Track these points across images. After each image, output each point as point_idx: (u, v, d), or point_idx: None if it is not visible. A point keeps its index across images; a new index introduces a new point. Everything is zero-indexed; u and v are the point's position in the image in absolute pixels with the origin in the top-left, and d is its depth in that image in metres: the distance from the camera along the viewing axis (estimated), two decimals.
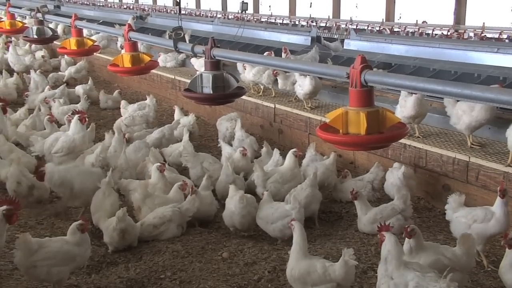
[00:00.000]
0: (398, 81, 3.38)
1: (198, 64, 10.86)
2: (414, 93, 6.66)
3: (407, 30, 15.05)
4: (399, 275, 4.01)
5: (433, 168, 6.71)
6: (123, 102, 10.32)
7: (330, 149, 7.76)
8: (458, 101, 6.33)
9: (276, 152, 7.44)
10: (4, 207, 4.57)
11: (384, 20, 17.13)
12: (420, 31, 14.62)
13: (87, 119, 7.60)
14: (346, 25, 16.03)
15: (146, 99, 10.06)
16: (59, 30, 15.55)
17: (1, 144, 7.47)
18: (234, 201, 6.04)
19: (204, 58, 4.88)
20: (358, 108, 3.42)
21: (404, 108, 6.90)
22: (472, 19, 17.81)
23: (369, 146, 4.07)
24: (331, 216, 6.68)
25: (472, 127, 6.43)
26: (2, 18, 11.70)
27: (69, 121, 7.89)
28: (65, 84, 12.70)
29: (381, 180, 6.85)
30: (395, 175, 6.61)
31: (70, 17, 7.67)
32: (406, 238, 4.55)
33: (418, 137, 7.05)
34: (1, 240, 4.62)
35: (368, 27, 15.64)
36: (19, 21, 10.34)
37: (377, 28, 15.63)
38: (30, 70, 13.15)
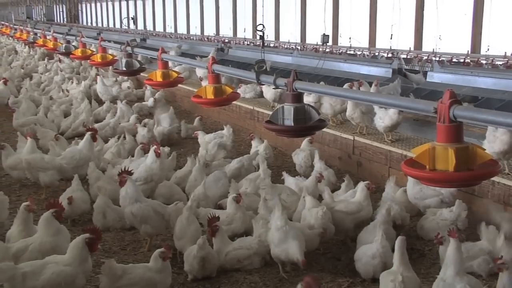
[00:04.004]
0: (490, 117, 3.24)
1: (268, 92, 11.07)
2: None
3: (494, 62, 14.50)
4: (452, 280, 4.32)
5: None
6: (200, 134, 10.39)
7: None
8: None
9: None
10: (87, 235, 4.77)
11: (469, 52, 16.58)
12: (508, 63, 14.02)
13: (160, 153, 7.78)
14: (428, 57, 15.68)
15: (224, 129, 10.25)
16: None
17: (90, 171, 7.82)
18: (313, 214, 6.10)
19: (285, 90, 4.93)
20: (446, 144, 3.31)
21: (493, 143, 6.58)
22: None
23: (457, 184, 3.91)
24: (413, 254, 6.41)
25: None
26: (94, 51, 12.40)
27: (148, 151, 8.19)
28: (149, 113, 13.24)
29: (465, 219, 6.53)
30: None
31: (155, 49, 7.99)
32: (500, 273, 4.37)
33: (508, 174, 6.68)
34: (87, 264, 4.80)
35: (451, 59, 15.20)
36: (110, 54, 10.94)
37: (461, 60, 15.18)
38: (117, 100, 13.78)
